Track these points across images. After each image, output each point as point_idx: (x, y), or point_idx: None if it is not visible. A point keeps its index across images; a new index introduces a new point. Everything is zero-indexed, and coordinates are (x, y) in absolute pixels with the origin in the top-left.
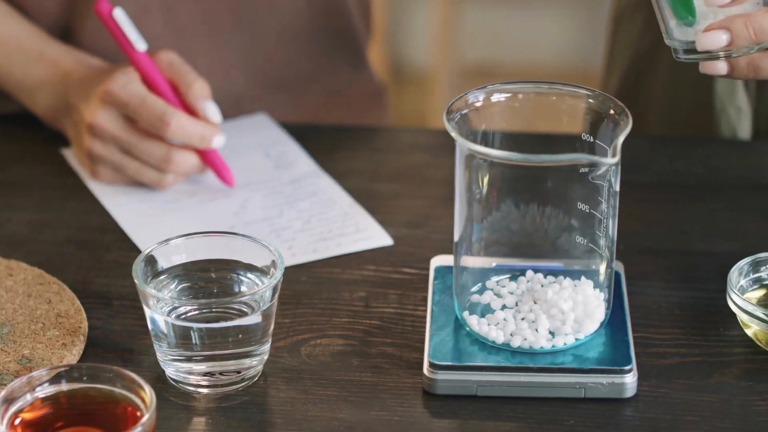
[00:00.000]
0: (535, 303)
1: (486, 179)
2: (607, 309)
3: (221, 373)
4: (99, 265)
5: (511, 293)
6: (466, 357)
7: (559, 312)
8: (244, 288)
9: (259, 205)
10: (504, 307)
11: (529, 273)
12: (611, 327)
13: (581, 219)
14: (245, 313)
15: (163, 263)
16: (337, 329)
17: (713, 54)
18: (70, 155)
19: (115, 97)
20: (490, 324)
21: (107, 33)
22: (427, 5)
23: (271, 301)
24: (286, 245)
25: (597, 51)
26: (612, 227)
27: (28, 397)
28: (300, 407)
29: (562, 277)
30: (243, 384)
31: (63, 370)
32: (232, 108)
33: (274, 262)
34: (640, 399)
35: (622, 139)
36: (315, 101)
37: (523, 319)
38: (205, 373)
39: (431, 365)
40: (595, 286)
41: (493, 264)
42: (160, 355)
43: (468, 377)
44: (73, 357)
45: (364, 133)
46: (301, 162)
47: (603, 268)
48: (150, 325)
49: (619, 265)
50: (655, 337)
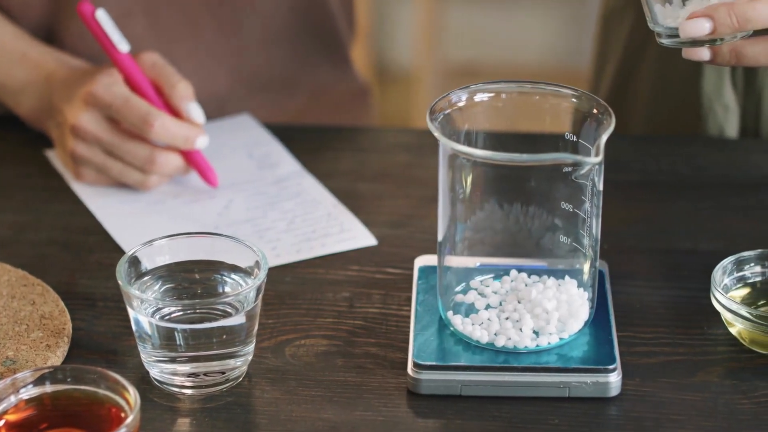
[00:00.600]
0: (519, 302)
1: (469, 179)
2: (591, 308)
3: (205, 374)
4: (83, 266)
5: (495, 293)
6: (450, 357)
7: (543, 311)
8: (228, 289)
9: (243, 205)
10: (488, 306)
11: (513, 272)
12: (595, 326)
13: (565, 218)
14: (229, 314)
15: (146, 264)
16: (322, 329)
17: (696, 40)
18: (54, 157)
19: (99, 99)
20: (474, 324)
21: (90, 35)
22: (411, 5)
23: (255, 301)
24: (270, 246)
25: (582, 50)
26: (596, 226)
27: (12, 398)
28: (284, 408)
29: (546, 276)
30: (227, 385)
31: (47, 371)
32: (216, 109)
33: (257, 262)
34: (624, 398)
35: (605, 138)
36: (299, 102)
37: (507, 318)
38: (190, 374)
39: (415, 365)
40: (579, 286)
41: (477, 264)
42: (144, 356)
43: (452, 377)
44: (57, 358)
45: (347, 133)
46: (285, 162)
47: (587, 267)
48: (134, 326)
49: (603, 264)
50: (640, 336)
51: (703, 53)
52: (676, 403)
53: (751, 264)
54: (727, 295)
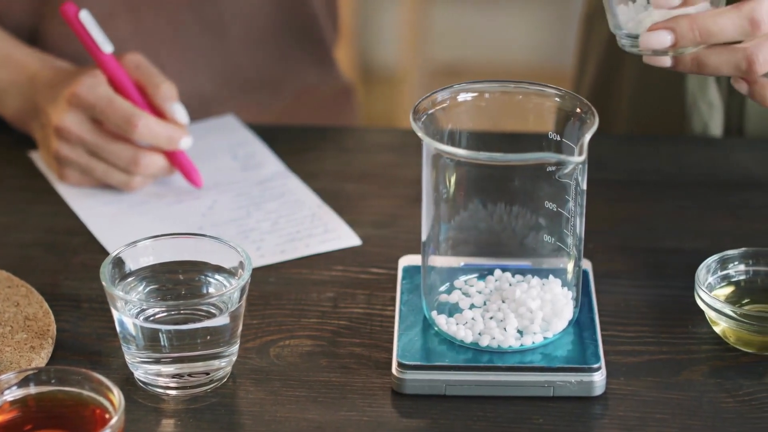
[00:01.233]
0: (503, 302)
1: (453, 179)
2: (576, 307)
3: (190, 375)
4: (67, 267)
5: (480, 292)
6: (434, 356)
7: (527, 311)
8: (212, 289)
9: (227, 206)
10: (472, 306)
11: (497, 272)
12: (579, 325)
13: (549, 218)
14: (213, 315)
15: (130, 265)
16: (306, 330)
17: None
18: (38, 158)
19: (82, 100)
20: (458, 323)
21: (74, 36)
22: (395, 5)
23: (239, 302)
24: (254, 246)
25: (566, 50)
26: (579, 226)
27: None
28: (269, 408)
29: (530, 275)
30: (212, 385)
31: (31, 373)
32: (200, 110)
33: (241, 263)
34: (608, 397)
35: (588, 137)
36: (283, 102)
37: (491, 318)
38: (174, 375)
39: (400, 365)
40: (563, 285)
41: (461, 263)
42: (128, 358)
43: (437, 377)
44: (41, 360)
45: (331, 133)
46: (269, 163)
47: (571, 266)
48: (118, 328)
49: (587, 264)
50: (624, 335)
51: (664, 60)
52: (660, 402)
53: (735, 262)
54: (711, 294)
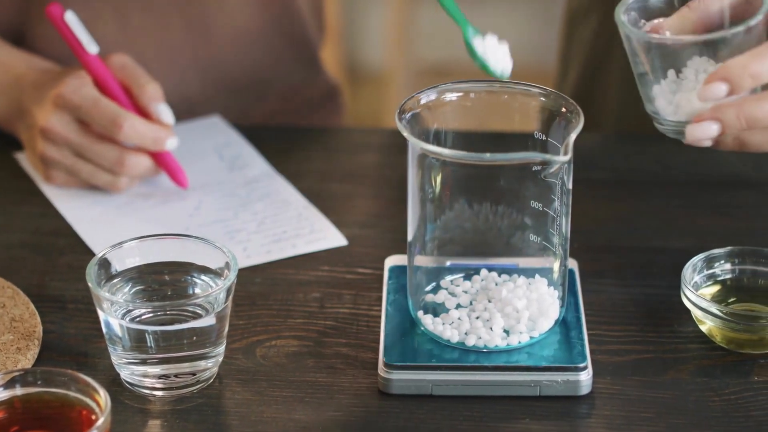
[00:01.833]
0: (489, 302)
1: (438, 178)
2: (562, 307)
3: (176, 376)
4: (53, 268)
5: (466, 292)
6: (420, 356)
7: (513, 310)
8: (198, 290)
9: (213, 207)
10: (458, 306)
11: (483, 272)
12: (566, 325)
13: (534, 217)
14: (199, 316)
15: (116, 266)
16: (292, 330)
17: None
18: (24, 159)
19: (68, 101)
20: (444, 323)
21: (60, 36)
22: (382, 5)
23: (225, 302)
24: (240, 247)
25: (552, 50)
26: (565, 225)
27: None
28: (255, 408)
29: (516, 275)
30: (198, 386)
31: (17, 374)
32: (186, 111)
33: (227, 263)
34: (595, 396)
35: (573, 136)
36: (269, 103)
37: (477, 317)
38: (160, 376)
39: (386, 365)
40: (549, 284)
41: (447, 263)
42: (114, 359)
43: (423, 377)
44: (27, 361)
45: (317, 133)
46: (255, 163)
47: (557, 266)
48: (104, 329)
49: (572, 263)
50: (610, 335)
51: (706, 143)
52: (646, 400)
53: (721, 261)
54: (697, 293)
